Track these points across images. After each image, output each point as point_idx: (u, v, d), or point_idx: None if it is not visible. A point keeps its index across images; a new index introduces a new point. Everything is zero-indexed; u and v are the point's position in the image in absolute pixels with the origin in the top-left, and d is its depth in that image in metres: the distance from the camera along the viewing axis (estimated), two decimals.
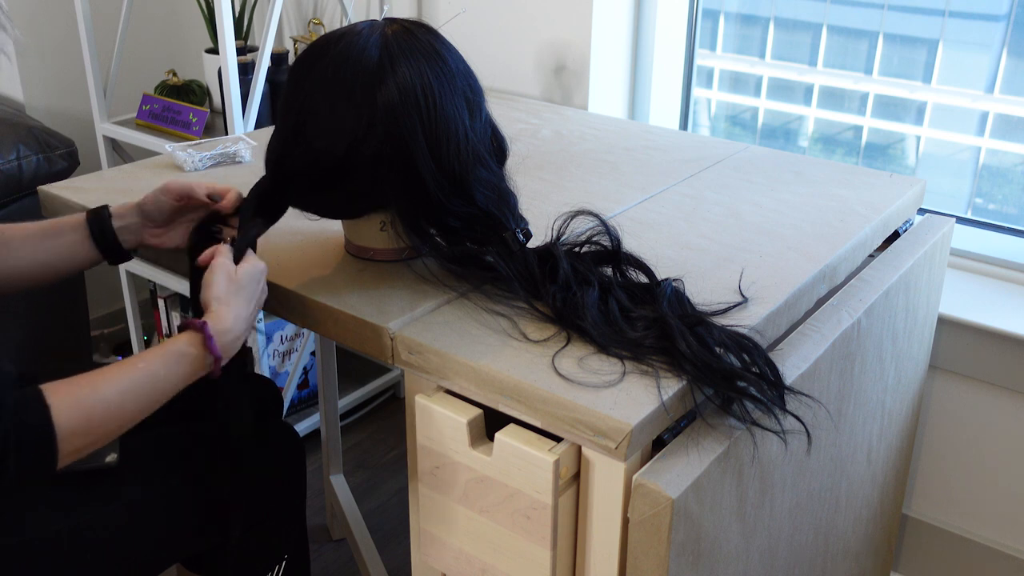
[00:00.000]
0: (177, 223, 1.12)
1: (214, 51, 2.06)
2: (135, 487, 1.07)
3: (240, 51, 1.94)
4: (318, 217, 1.09)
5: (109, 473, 1.05)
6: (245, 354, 1.03)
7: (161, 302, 2.19)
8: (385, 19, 1.03)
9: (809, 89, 1.80)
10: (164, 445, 1.13)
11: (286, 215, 1.08)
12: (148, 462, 1.10)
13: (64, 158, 2.06)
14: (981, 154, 1.64)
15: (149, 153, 2.06)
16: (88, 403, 0.86)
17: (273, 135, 1.04)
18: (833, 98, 1.77)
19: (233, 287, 0.96)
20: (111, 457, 1.04)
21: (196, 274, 1.04)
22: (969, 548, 1.67)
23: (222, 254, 1.00)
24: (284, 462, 1.23)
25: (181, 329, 0.94)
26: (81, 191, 1.32)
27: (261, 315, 1.91)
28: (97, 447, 0.88)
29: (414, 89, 0.97)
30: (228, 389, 1.03)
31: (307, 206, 1.07)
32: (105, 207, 1.11)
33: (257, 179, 1.07)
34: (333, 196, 1.03)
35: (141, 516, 1.07)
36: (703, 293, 1.04)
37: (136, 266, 2.10)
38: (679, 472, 0.85)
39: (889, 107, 1.71)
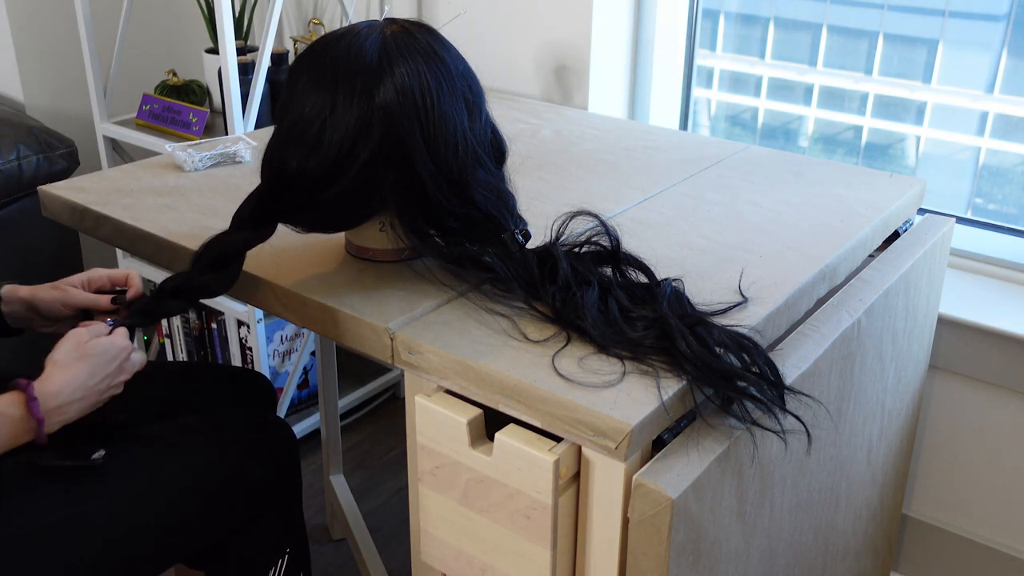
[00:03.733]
0: (68, 319, 1.09)
1: (214, 51, 2.06)
2: (123, 484, 1.07)
3: (240, 51, 1.94)
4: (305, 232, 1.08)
5: (97, 470, 1.05)
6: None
7: None
8: (385, 19, 1.03)
9: (809, 89, 1.80)
10: (151, 443, 1.13)
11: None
12: (136, 459, 1.10)
13: (64, 158, 2.06)
14: (981, 154, 1.64)
15: (149, 153, 2.06)
16: None
17: (272, 137, 1.02)
18: (833, 98, 1.77)
19: (75, 353, 0.95)
20: (98, 454, 1.04)
21: None
22: (969, 548, 1.67)
23: (87, 326, 0.98)
24: (277, 456, 1.23)
25: (7, 388, 0.93)
26: (81, 191, 1.32)
27: (261, 315, 1.91)
28: None
29: (412, 90, 0.96)
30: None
31: (305, 218, 1.03)
32: None
33: (256, 179, 1.06)
34: (331, 200, 1.00)
35: (131, 513, 1.07)
36: (703, 293, 1.04)
37: (136, 265, 2.10)
38: (679, 472, 0.85)
39: (889, 107, 1.71)
